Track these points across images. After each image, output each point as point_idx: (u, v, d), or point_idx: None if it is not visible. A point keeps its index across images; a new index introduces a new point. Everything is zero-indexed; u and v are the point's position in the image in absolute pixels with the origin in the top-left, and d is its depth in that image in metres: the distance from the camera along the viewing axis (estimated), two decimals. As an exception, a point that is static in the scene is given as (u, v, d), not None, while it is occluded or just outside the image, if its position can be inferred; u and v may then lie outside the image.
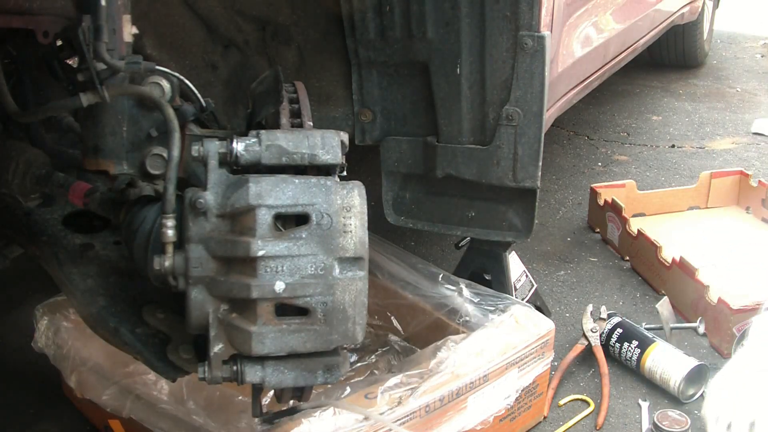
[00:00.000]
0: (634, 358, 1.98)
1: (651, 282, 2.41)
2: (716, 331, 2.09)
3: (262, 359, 1.02)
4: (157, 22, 1.79)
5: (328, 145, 1.04)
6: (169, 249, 1.04)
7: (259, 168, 1.03)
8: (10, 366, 2.01)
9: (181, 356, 1.20)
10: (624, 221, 2.54)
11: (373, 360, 1.91)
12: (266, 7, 1.86)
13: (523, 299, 2.03)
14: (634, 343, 1.99)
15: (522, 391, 1.72)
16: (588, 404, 1.91)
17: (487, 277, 2.04)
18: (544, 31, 1.66)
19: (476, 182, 1.82)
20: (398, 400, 1.49)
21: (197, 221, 1.02)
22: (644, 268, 2.44)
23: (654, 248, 2.36)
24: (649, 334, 2.02)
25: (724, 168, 3.09)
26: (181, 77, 1.21)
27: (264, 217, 0.98)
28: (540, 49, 1.65)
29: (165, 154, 1.17)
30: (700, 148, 3.59)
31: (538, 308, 2.04)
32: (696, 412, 1.88)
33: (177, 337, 1.21)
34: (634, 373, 2.00)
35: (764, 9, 6.12)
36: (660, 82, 4.54)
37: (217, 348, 1.03)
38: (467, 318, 1.80)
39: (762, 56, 5.19)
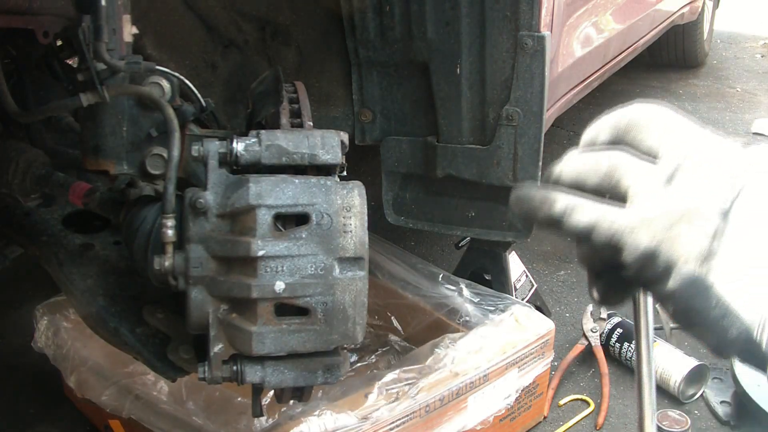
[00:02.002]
0: (634, 358, 1.98)
1: (651, 282, 2.41)
2: (716, 331, 2.09)
3: (262, 359, 1.02)
4: (157, 22, 1.79)
5: (328, 145, 1.04)
6: (169, 249, 1.04)
7: (259, 168, 1.03)
8: (10, 366, 2.01)
9: (181, 356, 1.20)
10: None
11: (373, 360, 1.91)
12: (266, 7, 1.86)
13: (523, 299, 2.03)
14: (635, 343, 1.99)
15: (522, 391, 1.72)
16: (588, 404, 1.91)
17: (487, 277, 2.04)
18: (544, 31, 1.66)
19: (476, 182, 1.82)
20: (395, 395, 1.49)
21: (197, 221, 1.02)
22: (644, 268, 2.44)
23: (654, 248, 2.35)
24: (649, 334, 2.02)
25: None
26: (181, 77, 1.20)
27: (264, 217, 0.98)
28: (540, 49, 1.65)
29: (165, 154, 1.17)
30: (700, 148, 3.59)
31: (538, 308, 2.04)
32: (696, 412, 1.88)
33: (177, 337, 1.21)
34: (634, 373, 2.00)
35: (764, 9, 6.12)
36: (660, 82, 4.54)
37: (217, 348, 1.03)
38: (467, 318, 1.80)
39: (762, 56, 5.19)
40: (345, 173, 1.08)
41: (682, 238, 0.58)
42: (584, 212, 0.61)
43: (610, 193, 0.62)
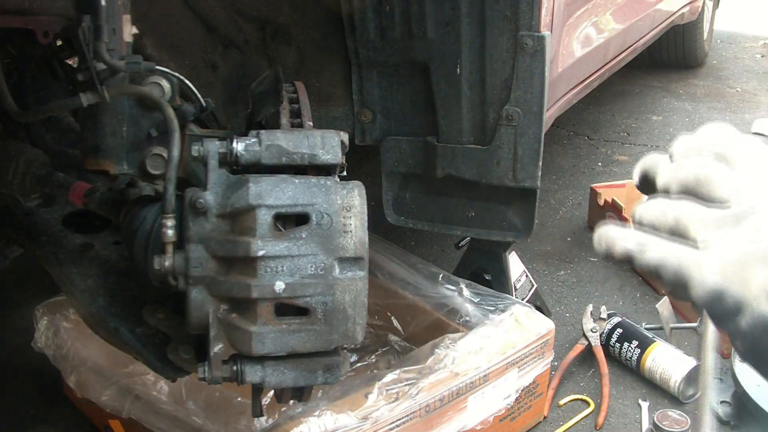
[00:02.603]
0: (634, 358, 1.98)
1: (651, 282, 2.41)
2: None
3: (262, 359, 1.02)
4: (157, 22, 1.79)
5: (328, 145, 1.04)
6: (169, 249, 1.04)
7: (259, 168, 1.03)
8: (10, 366, 2.01)
9: (181, 356, 1.20)
10: (624, 221, 2.54)
11: (373, 360, 1.91)
12: (266, 7, 1.86)
13: (523, 299, 2.03)
14: (634, 343, 1.99)
15: (522, 391, 1.72)
16: (588, 404, 1.91)
17: (487, 277, 2.04)
18: (544, 31, 1.66)
19: (476, 182, 1.82)
20: (395, 395, 1.49)
21: (197, 221, 1.02)
22: (644, 268, 2.44)
23: (654, 248, 2.35)
24: (649, 334, 2.02)
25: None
26: (181, 77, 1.21)
27: (264, 217, 0.98)
28: (540, 49, 1.65)
29: (165, 154, 1.17)
30: (700, 148, 3.58)
31: (538, 308, 2.04)
32: (696, 412, 1.88)
33: (177, 337, 1.21)
34: (634, 373, 2.00)
35: (764, 9, 6.11)
36: (660, 82, 4.54)
37: (217, 348, 1.03)
38: (467, 318, 1.80)
39: (762, 56, 5.19)
40: (345, 173, 1.08)
41: (754, 277, 0.57)
42: (655, 249, 0.63)
43: (682, 240, 0.63)
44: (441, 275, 1.93)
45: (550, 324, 1.76)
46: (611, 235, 0.66)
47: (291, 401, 1.23)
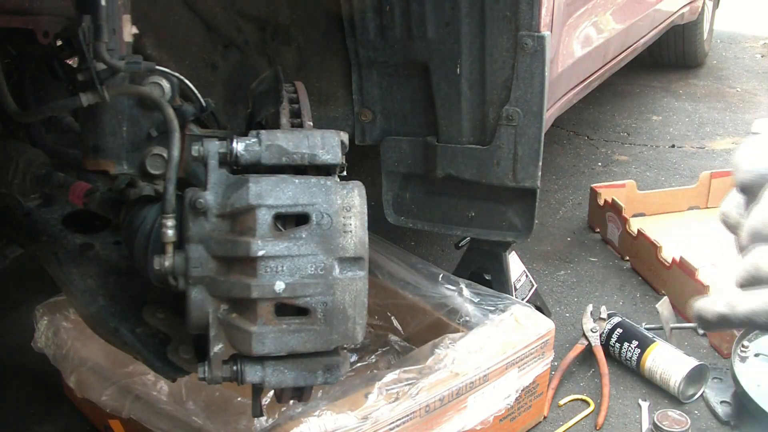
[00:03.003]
0: (634, 358, 1.98)
1: (651, 282, 2.41)
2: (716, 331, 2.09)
3: (262, 359, 1.02)
4: (157, 22, 1.79)
5: (328, 145, 1.04)
6: (169, 249, 1.04)
7: (259, 168, 1.03)
8: (10, 366, 2.01)
9: (181, 356, 1.20)
10: (624, 221, 2.54)
11: (373, 360, 1.91)
12: (266, 7, 1.86)
13: (523, 299, 2.03)
14: (634, 343, 1.99)
15: (522, 391, 1.72)
16: (588, 404, 1.91)
17: (487, 277, 2.04)
18: (544, 31, 1.66)
19: (476, 182, 1.82)
20: (395, 395, 1.49)
21: (197, 221, 1.02)
22: (644, 268, 2.44)
23: (654, 248, 2.36)
24: (649, 334, 2.02)
25: (724, 168, 3.09)
26: (181, 77, 1.21)
27: (264, 217, 0.98)
28: (540, 49, 1.65)
29: (165, 154, 1.17)
30: (700, 148, 3.59)
31: (538, 308, 2.04)
32: (696, 412, 1.88)
33: (177, 337, 1.21)
34: (634, 373, 2.00)
35: (764, 9, 6.11)
36: (660, 82, 4.54)
37: (217, 348, 1.03)
38: (467, 318, 1.80)
39: (762, 56, 5.19)
40: (345, 173, 1.08)
41: None
42: (744, 302, 0.67)
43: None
44: (441, 275, 1.93)
45: (550, 324, 1.76)
46: (701, 305, 0.70)
47: (291, 401, 1.23)
